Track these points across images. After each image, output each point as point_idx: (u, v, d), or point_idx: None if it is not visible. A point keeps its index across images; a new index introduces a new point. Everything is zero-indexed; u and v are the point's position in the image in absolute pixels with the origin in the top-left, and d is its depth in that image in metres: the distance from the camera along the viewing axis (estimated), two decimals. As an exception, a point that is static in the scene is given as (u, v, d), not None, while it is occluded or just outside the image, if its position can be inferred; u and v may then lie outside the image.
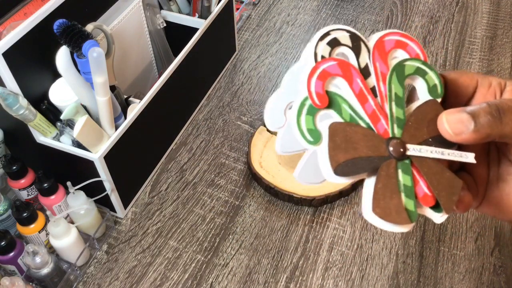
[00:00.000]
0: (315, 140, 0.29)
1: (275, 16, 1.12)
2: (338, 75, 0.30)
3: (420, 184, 0.29)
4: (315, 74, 0.29)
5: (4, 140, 0.70)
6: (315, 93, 0.29)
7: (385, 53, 0.31)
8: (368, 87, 0.30)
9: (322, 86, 0.29)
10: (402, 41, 0.32)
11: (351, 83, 0.30)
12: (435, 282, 0.67)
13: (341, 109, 0.30)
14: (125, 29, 0.78)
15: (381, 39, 0.31)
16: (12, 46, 0.58)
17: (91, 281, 0.69)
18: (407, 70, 0.31)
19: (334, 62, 0.30)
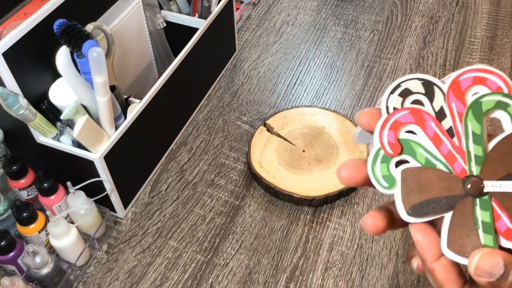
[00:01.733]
0: (390, 185, 0.30)
1: (275, 16, 1.12)
2: (410, 123, 0.31)
3: (502, 219, 0.29)
4: (387, 126, 0.31)
5: (4, 140, 0.70)
6: (387, 143, 0.30)
7: (461, 92, 0.31)
8: (443, 129, 0.31)
9: (394, 135, 0.30)
10: (481, 77, 0.31)
11: (425, 128, 0.31)
12: (435, 282, 0.67)
13: (415, 153, 0.31)
14: (125, 29, 0.78)
15: (456, 79, 0.31)
16: (12, 46, 0.58)
17: (91, 281, 0.69)
18: (485, 106, 0.31)
19: (405, 112, 0.31)
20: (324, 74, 0.98)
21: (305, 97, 0.94)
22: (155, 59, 0.91)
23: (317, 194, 0.74)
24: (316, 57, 1.02)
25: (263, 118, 0.90)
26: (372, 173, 0.31)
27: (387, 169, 0.30)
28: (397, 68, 0.99)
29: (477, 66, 0.31)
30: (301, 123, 0.84)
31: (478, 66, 0.31)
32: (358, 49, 1.03)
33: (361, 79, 0.97)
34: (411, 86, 0.31)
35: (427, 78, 0.31)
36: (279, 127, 0.84)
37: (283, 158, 0.79)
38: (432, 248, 0.30)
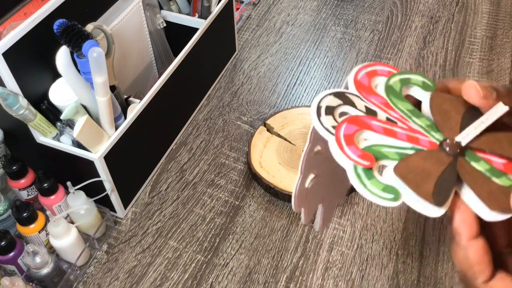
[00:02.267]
0: (395, 194, 0.29)
1: (275, 16, 1.12)
2: (357, 131, 0.31)
3: (493, 160, 0.30)
4: (343, 144, 0.30)
5: (4, 140, 0.70)
6: (357, 157, 0.30)
7: (368, 88, 0.33)
8: (385, 121, 0.32)
9: (356, 148, 0.30)
10: (371, 71, 0.34)
11: (372, 129, 0.31)
12: (435, 282, 0.67)
13: (385, 153, 0.31)
14: (125, 29, 0.78)
15: (356, 79, 0.34)
16: (12, 46, 0.58)
17: (91, 281, 0.69)
18: (395, 87, 0.33)
19: (345, 124, 0.31)
20: (324, 74, 0.98)
21: (305, 97, 0.94)
22: (155, 59, 0.91)
23: (317, 194, 0.74)
24: (316, 57, 1.02)
25: (263, 118, 0.90)
26: (370, 194, 0.29)
27: (378, 182, 0.29)
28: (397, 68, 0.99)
29: (360, 65, 0.34)
30: (301, 123, 0.84)
31: (361, 64, 0.34)
32: (358, 49, 1.03)
33: (361, 79, 0.97)
34: (329, 102, 0.32)
35: (335, 90, 0.33)
36: (279, 127, 0.84)
37: (283, 158, 0.79)
38: (471, 224, 0.29)
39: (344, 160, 0.30)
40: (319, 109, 0.32)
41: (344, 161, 0.30)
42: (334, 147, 0.30)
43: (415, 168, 0.29)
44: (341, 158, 0.30)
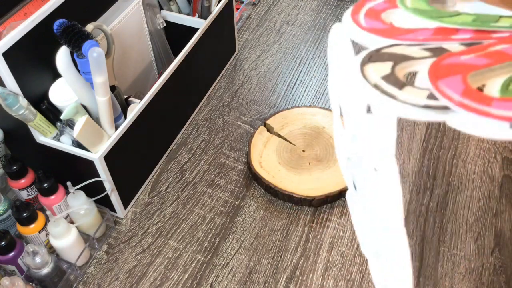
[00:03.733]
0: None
1: (275, 16, 1.12)
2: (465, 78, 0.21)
3: None
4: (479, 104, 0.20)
5: (4, 140, 0.70)
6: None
7: (392, 29, 0.24)
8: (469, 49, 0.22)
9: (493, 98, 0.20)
10: (368, 10, 0.25)
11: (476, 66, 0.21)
12: (435, 282, 0.67)
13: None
14: (125, 29, 0.78)
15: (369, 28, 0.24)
16: (12, 46, 0.58)
17: (91, 281, 0.69)
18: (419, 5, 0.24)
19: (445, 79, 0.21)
20: (324, 74, 0.98)
21: (305, 97, 0.94)
22: (155, 59, 0.91)
23: (317, 194, 0.74)
24: (316, 57, 1.02)
25: (263, 118, 0.90)
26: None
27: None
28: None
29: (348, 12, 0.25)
30: (301, 123, 0.84)
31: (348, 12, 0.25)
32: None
33: (361, 79, 0.97)
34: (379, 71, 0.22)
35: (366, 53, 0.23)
36: (279, 127, 0.84)
37: (283, 158, 0.79)
38: None
39: (495, 127, 0.19)
40: (381, 89, 0.20)
41: (507, 132, 0.19)
42: (471, 120, 0.19)
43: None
44: (497, 130, 0.19)
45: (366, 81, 0.20)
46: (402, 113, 0.19)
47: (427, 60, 0.21)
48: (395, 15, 0.25)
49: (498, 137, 0.19)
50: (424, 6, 0.24)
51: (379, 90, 0.20)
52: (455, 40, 0.22)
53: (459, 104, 0.19)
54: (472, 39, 0.22)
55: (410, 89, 0.20)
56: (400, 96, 0.19)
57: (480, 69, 0.20)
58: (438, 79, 0.20)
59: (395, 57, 0.22)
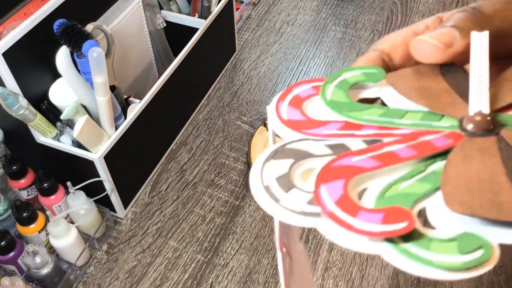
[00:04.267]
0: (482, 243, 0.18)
1: (275, 16, 1.12)
2: (346, 184, 0.19)
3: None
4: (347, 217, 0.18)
5: (4, 140, 0.70)
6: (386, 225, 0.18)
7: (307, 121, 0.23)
8: (366, 148, 0.21)
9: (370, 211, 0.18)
10: (292, 99, 0.24)
11: (363, 169, 0.20)
12: (435, 282, 0.67)
13: (413, 193, 0.19)
14: (125, 29, 0.78)
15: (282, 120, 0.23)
16: (12, 46, 0.58)
17: (91, 281, 0.69)
18: (338, 98, 0.23)
19: (323, 186, 0.19)
20: (324, 74, 0.98)
21: (305, 97, 0.94)
22: (155, 59, 0.91)
23: (317, 194, 0.74)
24: (316, 57, 1.02)
25: (263, 118, 0.90)
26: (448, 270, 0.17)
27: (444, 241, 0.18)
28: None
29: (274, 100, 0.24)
30: (301, 123, 0.84)
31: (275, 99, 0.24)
32: (358, 49, 1.03)
33: (361, 79, 0.97)
34: (275, 171, 0.21)
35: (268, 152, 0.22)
36: (279, 127, 0.84)
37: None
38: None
39: (363, 241, 0.17)
40: (269, 191, 0.20)
41: (363, 243, 0.17)
42: (335, 230, 0.18)
43: (468, 184, 0.18)
44: (355, 241, 0.18)
45: (260, 181, 0.20)
46: (282, 218, 0.19)
47: (325, 159, 0.21)
48: (316, 105, 0.24)
49: (361, 250, 0.18)
50: (342, 98, 0.23)
51: (268, 193, 0.19)
52: (359, 136, 0.21)
53: (329, 214, 0.18)
54: (374, 136, 0.21)
55: (295, 192, 0.20)
56: (283, 200, 0.19)
57: (366, 172, 0.20)
58: (321, 183, 0.19)
59: (297, 154, 0.21)
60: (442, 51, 0.21)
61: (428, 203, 0.18)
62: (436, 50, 0.21)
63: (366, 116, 0.22)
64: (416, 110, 0.22)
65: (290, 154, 0.21)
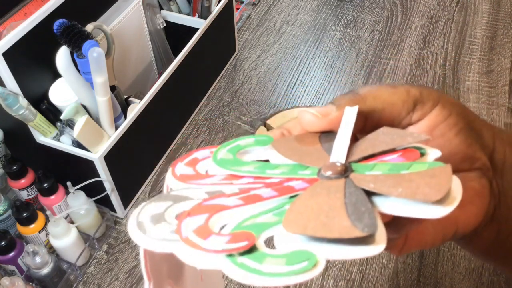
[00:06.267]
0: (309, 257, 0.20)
1: (275, 16, 1.12)
2: (210, 217, 0.22)
3: (389, 158, 0.24)
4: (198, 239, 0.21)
5: (4, 140, 0.70)
6: (228, 243, 0.21)
7: (196, 175, 0.26)
8: (239, 192, 0.24)
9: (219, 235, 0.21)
10: (191, 160, 0.27)
11: (227, 207, 0.23)
12: (435, 282, 0.67)
13: (263, 223, 0.22)
14: (125, 29, 0.78)
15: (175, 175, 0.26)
16: (12, 46, 0.58)
17: (91, 281, 0.69)
18: (227, 157, 0.26)
19: (188, 218, 0.22)
20: (324, 74, 0.98)
21: (305, 97, 0.94)
22: (155, 59, 0.91)
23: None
24: (316, 57, 1.02)
25: (263, 118, 0.90)
26: (275, 277, 0.19)
27: (277, 256, 0.20)
28: (397, 68, 0.99)
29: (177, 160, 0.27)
30: (301, 123, 0.84)
31: (176, 160, 0.27)
32: (358, 49, 1.03)
33: (361, 79, 0.97)
34: (152, 210, 0.23)
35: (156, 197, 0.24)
36: (279, 127, 0.84)
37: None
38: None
39: (209, 259, 0.20)
40: (141, 225, 0.22)
41: (209, 261, 0.20)
42: (186, 250, 0.20)
43: (309, 211, 0.21)
44: (203, 260, 0.20)
45: (136, 218, 0.23)
46: (144, 245, 0.22)
47: (199, 200, 0.24)
48: (209, 164, 0.27)
49: (207, 267, 0.20)
50: (230, 157, 0.26)
51: (139, 227, 0.22)
52: (235, 184, 0.25)
53: (184, 239, 0.21)
54: (248, 184, 0.24)
55: (163, 225, 0.22)
56: (150, 231, 0.22)
57: (230, 209, 0.23)
58: (187, 216, 0.22)
59: (176, 198, 0.24)
60: (319, 119, 0.26)
61: (276, 230, 0.22)
62: (315, 118, 0.26)
63: (245, 168, 0.25)
64: (288, 164, 0.25)
65: (170, 198, 0.24)
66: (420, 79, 0.97)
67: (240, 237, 0.21)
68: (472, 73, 0.97)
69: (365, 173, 0.23)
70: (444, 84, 0.95)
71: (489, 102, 0.92)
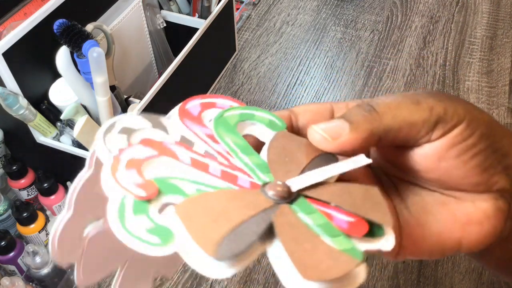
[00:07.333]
0: (164, 238, 0.20)
1: (275, 16, 1.12)
2: (154, 157, 0.22)
3: (335, 216, 0.22)
4: (121, 165, 0.21)
5: (4, 140, 0.70)
6: (133, 185, 0.21)
7: (197, 117, 0.26)
8: (199, 153, 0.24)
9: (139, 173, 0.21)
10: (208, 102, 0.26)
11: (176, 157, 0.23)
12: (435, 282, 0.67)
13: (180, 189, 0.22)
14: (125, 29, 0.78)
15: (183, 107, 0.26)
16: (12, 46, 0.58)
17: (91, 281, 0.69)
18: (231, 120, 0.26)
19: (139, 146, 0.23)
20: (324, 74, 0.98)
21: (305, 97, 0.94)
22: (155, 59, 0.91)
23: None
24: (316, 57, 1.02)
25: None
26: (128, 234, 0.20)
27: (148, 220, 0.20)
28: (397, 68, 0.99)
29: (199, 96, 0.27)
30: (301, 123, 0.84)
31: (199, 96, 0.27)
32: (358, 49, 1.03)
33: (361, 79, 0.97)
34: (129, 122, 0.24)
35: (147, 114, 0.25)
36: (279, 127, 0.84)
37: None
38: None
39: (111, 188, 0.21)
40: (111, 127, 0.23)
41: (112, 191, 0.21)
42: (106, 170, 0.21)
43: (209, 209, 0.21)
44: (108, 186, 0.21)
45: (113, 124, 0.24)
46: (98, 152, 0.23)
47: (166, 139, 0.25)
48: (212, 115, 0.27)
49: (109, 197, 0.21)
50: (233, 121, 0.27)
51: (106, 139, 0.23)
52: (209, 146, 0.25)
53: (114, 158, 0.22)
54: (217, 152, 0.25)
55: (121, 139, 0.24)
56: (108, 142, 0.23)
57: (176, 160, 0.23)
58: (139, 144, 0.23)
59: (158, 124, 0.25)
60: (329, 142, 0.24)
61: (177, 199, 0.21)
62: (324, 140, 0.24)
63: (226, 138, 0.25)
64: (262, 160, 0.25)
65: (154, 122, 0.24)
66: (420, 79, 0.97)
67: (147, 187, 0.21)
68: (472, 73, 0.97)
69: (297, 213, 0.22)
70: (444, 84, 0.95)
71: (489, 102, 0.92)
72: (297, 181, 0.23)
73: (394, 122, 0.24)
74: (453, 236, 0.27)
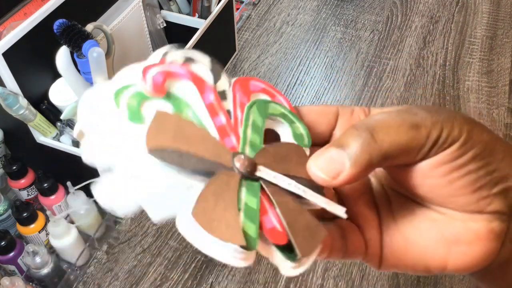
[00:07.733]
0: (135, 118, 0.23)
1: (275, 16, 1.12)
2: (187, 79, 0.25)
3: (269, 215, 0.23)
4: (155, 68, 0.24)
5: (4, 140, 0.70)
6: (151, 79, 0.24)
7: (249, 91, 0.27)
8: (222, 105, 0.25)
9: (163, 81, 0.24)
10: (270, 91, 0.27)
11: (202, 92, 0.25)
12: (435, 282, 0.67)
13: (181, 108, 0.24)
14: (125, 29, 0.78)
15: (246, 79, 0.27)
16: (12, 46, 0.58)
17: (91, 281, 0.69)
18: (271, 109, 0.26)
19: (184, 68, 0.25)
20: (324, 74, 0.98)
21: (305, 97, 0.94)
22: (155, 59, 0.91)
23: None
24: (316, 57, 1.02)
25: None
26: (113, 96, 0.23)
27: (137, 104, 0.23)
28: (397, 68, 0.99)
29: (269, 84, 0.27)
30: (301, 123, 0.84)
31: (271, 85, 0.27)
32: (358, 49, 1.03)
33: (361, 79, 0.97)
34: (199, 58, 0.26)
35: (219, 64, 0.27)
36: (279, 127, 0.84)
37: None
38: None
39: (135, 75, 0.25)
40: (179, 52, 0.26)
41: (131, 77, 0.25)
42: (147, 63, 0.26)
43: (184, 130, 0.23)
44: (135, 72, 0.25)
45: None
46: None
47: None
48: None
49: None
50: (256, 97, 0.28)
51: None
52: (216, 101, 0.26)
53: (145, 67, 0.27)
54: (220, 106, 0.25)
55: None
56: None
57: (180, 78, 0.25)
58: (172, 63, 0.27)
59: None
60: (328, 183, 0.24)
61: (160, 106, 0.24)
62: (324, 182, 0.24)
63: (251, 115, 0.26)
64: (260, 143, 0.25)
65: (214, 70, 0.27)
66: (420, 79, 0.97)
67: (157, 87, 0.23)
68: (472, 73, 0.97)
69: (241, 187, 0.23)
70: (444, 84, 0.95)
71: (489, 102, 0.92)
72: (268, 173, 0.23)
73: (392, 149, 0.24)
74: (437, 254, 0.26)
